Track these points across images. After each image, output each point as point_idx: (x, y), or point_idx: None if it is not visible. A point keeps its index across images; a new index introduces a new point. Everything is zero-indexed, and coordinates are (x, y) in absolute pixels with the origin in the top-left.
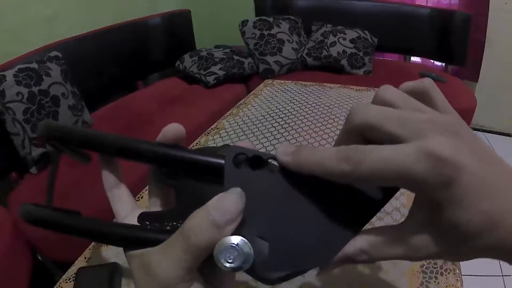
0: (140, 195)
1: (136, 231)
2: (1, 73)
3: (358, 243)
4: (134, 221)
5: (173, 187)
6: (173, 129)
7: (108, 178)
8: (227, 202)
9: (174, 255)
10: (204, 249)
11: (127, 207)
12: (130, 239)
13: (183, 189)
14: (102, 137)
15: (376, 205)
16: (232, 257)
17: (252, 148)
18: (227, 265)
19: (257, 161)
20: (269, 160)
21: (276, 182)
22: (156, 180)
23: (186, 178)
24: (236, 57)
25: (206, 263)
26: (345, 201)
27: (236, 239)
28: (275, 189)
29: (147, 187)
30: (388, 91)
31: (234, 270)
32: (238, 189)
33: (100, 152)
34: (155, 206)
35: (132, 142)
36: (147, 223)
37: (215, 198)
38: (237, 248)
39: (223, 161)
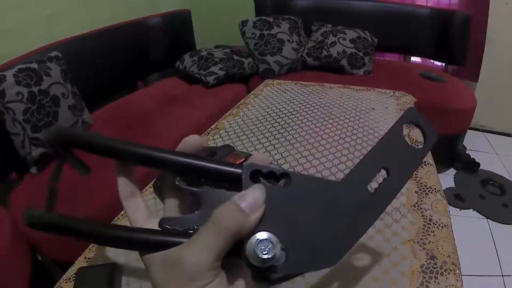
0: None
1: (159, 234)
2: (1, 73)
3: None
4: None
5: (192, 194)
6: (194, 140)
7: (124, 186)
8: (251, 194)
9: (205, 240)
10: (235, 232)
11: (143, 216)
12: (154, 242)
13: (202, 196)
14: (124, 145)
15: (378, 209)
16: (266, 249)
17: (267, 160)
18: (263, 256)
19: (271, 176)
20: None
21: (288, 193)
22: (172, 186)
23: (206, 186)
24: (236, 57)
25: (229, 262)
26: (350, 205)
27: (265, 234)
28: (287, 199)
29: (147, 187)
30: None
31: (267, 261)
32: (258, 184)
33: (122, 160)
34: (170, 211)
35: (155, 152)
36: (168, 227)
37: (239, 193)
38: (271, 240)
39: (240, 171)
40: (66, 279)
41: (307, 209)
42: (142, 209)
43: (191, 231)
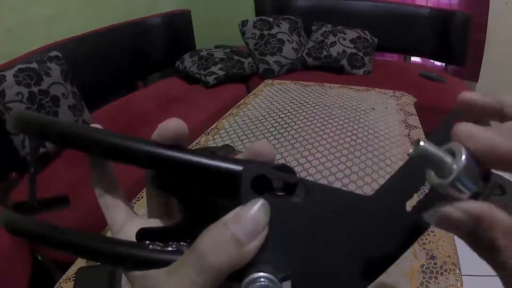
0: (140, 195)
1: (137, 250)
2: (1, 73)
3: None
4: (133, 233)
5: (175, 197)
6: (173, 126)
7: (98, 182)
8: (248, 214)
9: (186, 278)
10: (223, 271)
11: (122, 216)
12: (130, 259)
13: (188, 200)
14: (86, 132)
15: (409, 240)
16: None
17: (271, 151)
18: None
19: (280, 185)
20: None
21: (300, 209)
22: (154, 186)
23: (191, 187)
24: (236, 57)
25: None
26: (375, 233)
27: (265, 276)
28: (299, 217)
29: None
30: None
31: None
32: (260, 200)
33: (83, 151)
34: (154, 217)
35: (124, 141)
36: (148, 242)
37: (233, 211)
38: (272, 282)
39: (239, 168)
40: (66, 279)
41: (324, 230)
42: (120, 208)
43: (174, 247)
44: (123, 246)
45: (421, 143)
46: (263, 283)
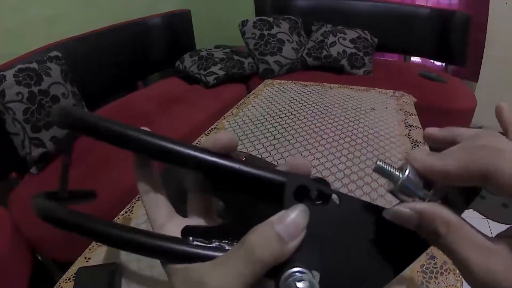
0: None
1: (182, 245)
2: (1, 73)
3: None
4: (173, 231)
5: (222, 200)
6: (226, 138)
7: (143, 180)
8: (291, 218)
9: (234, 270)
10: (268, 264)
11: (164, 215)
12: (175, 254)
13: (233, 203)
14: (139, 135)
15: (421, 247)
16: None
17: (308, 167)
18: None
19: (318, 195)
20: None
21: (332, 217)
22: (197, 188)
23: (238, 193)
24: (236, 57)
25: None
26: (392, 240)
27: (300, 270)
28: (330, 224)
29: None
30: None
31: None
32: (302, 205)
33: (136, 152)
34: (193, 214)
35: (177, 146)
36: (191, 238)
37: (278, 214)
38: (308, 276)
39: (283, 179)
40: (66, 279)
41: (347, 236)
42: (163, 206)
43: (217, 245)
44: (169, 241)
45: (378, 162)
46: (299, 275)
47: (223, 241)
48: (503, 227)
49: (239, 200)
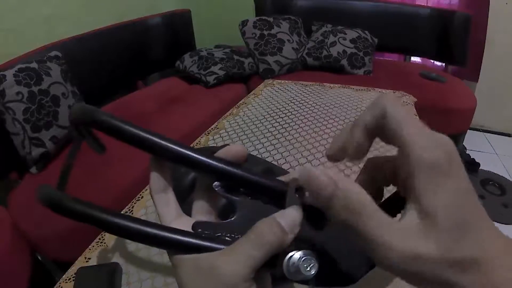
0: (140, 195)
1: (193, 237)
2: (1, 73)
3: None
4: (181, 228)
5: (230, 200)
6: (236, 150)
7: (157, 181)
8: (290, 214)
9: (245, 251)
10: (274, 248)
11: (173, 213)
12: (186, 244)
13: (238, 205)
14: (161, 142)
15: None
16: (310, 266)
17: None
18: (308, 273)
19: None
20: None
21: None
22: (204, 187)
23: (243, 195)
24: (236, 57)
25: (259, 276)
26: None
27: (306, 252)
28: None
29: (147, 188)
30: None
31: (310, 277)
32: (295, 206)
33: (157, 156)
34: (198, 212)
35: (197, 155)
36: (200, 230)
37: (280, 211)
38: (313, 258)
39: (285, 188)
40: (66, 279)
41: (337, 233)
42: (172, 206)
43: (228, 238)
44: (180, 233)
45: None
46: (306, 257)
47: (231, 235)
48: (503, 227)
49: (245, 202)
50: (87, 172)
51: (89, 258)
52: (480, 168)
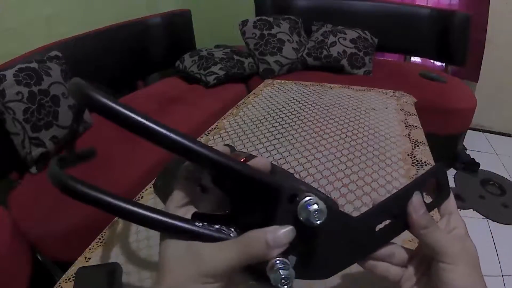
0: (140, 195)
1: (192, 225)
2: (1, 73)
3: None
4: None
5: (227, 194)
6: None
7: (180, 196)
8: (281, 234)
9: (229, 254)
10: (254, 258)
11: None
12: (186, 231)
13: (235, 198)
14: (156, 126)
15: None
16: (285, 274)
17: (268, 165)
18: (282, 280)
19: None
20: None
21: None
22: (184, 178)
23: (240, 190)
24: (236, 57)
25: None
26: (358, 237)
27: (284, 261)
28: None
29: (147, 187)
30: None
31: (285, 283)
32: (291, 227)
33: (151, 141)
34: (178, 202)
35: (197, 145)
36: (198, 222)
37: (273, 227)
38: (289, 269)
39: (277, 187)
40: (66, 279)
41: (322, 233)
42: (175, 199)
43: (219, 229)
44: (179, 219)
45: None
46: (279, 264)
47: (226, 227)
48: (503, 227)
49: (242, 196)
50: (87, 172)
51: (89, 258)
52: (480, 168)
